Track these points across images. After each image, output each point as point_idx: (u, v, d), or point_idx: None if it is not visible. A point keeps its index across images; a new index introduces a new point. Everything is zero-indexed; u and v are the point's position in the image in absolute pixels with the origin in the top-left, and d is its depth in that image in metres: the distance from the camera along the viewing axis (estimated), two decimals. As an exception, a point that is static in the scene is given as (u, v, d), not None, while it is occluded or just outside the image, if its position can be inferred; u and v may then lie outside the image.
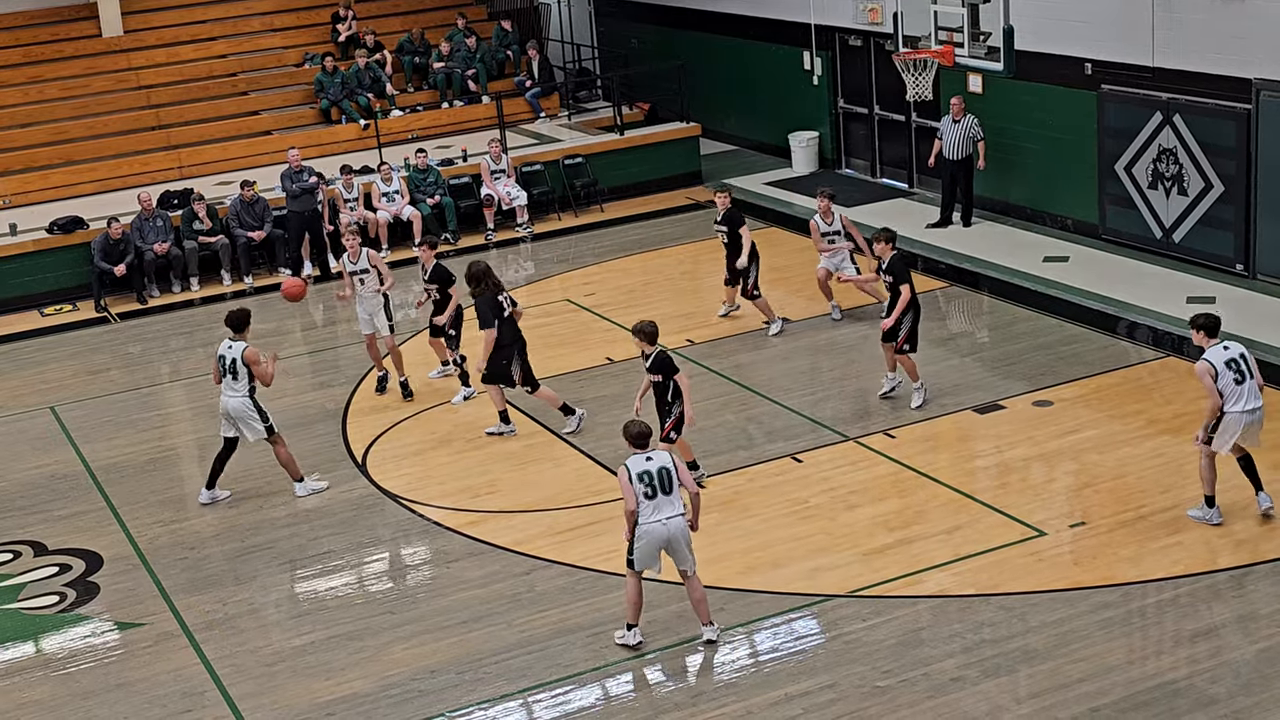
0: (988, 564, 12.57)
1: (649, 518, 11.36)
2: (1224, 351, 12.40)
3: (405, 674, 11.71)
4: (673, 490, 11.42)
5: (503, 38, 28.76)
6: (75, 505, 15.39)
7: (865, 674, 11.14)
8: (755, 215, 23.52)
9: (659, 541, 11.41)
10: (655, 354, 13.87)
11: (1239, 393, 12.29)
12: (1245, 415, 12.34)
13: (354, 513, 14.67)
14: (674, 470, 11.43)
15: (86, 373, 19.38)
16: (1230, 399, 12.29)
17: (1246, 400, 12.32)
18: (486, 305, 15.59)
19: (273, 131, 26.42)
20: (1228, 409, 12.31)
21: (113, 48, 27.77)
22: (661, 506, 11.36)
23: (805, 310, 19.08)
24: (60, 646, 12.71)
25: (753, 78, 27.02)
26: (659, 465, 11.40)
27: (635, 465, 11.40)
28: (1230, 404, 12.30)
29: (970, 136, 21.32)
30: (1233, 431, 12.36)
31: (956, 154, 21.43)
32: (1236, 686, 10.61)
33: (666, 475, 11.38)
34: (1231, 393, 12.28)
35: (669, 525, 11.36)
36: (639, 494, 11.35)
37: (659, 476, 11.36)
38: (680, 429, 14.03)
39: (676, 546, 11.46)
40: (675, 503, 11.43)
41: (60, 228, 22.39)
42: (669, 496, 11.38)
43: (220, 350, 14.90)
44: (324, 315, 21.33)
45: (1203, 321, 12.63)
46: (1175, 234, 19.43)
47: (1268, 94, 17.83)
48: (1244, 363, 12.38)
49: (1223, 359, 12.34)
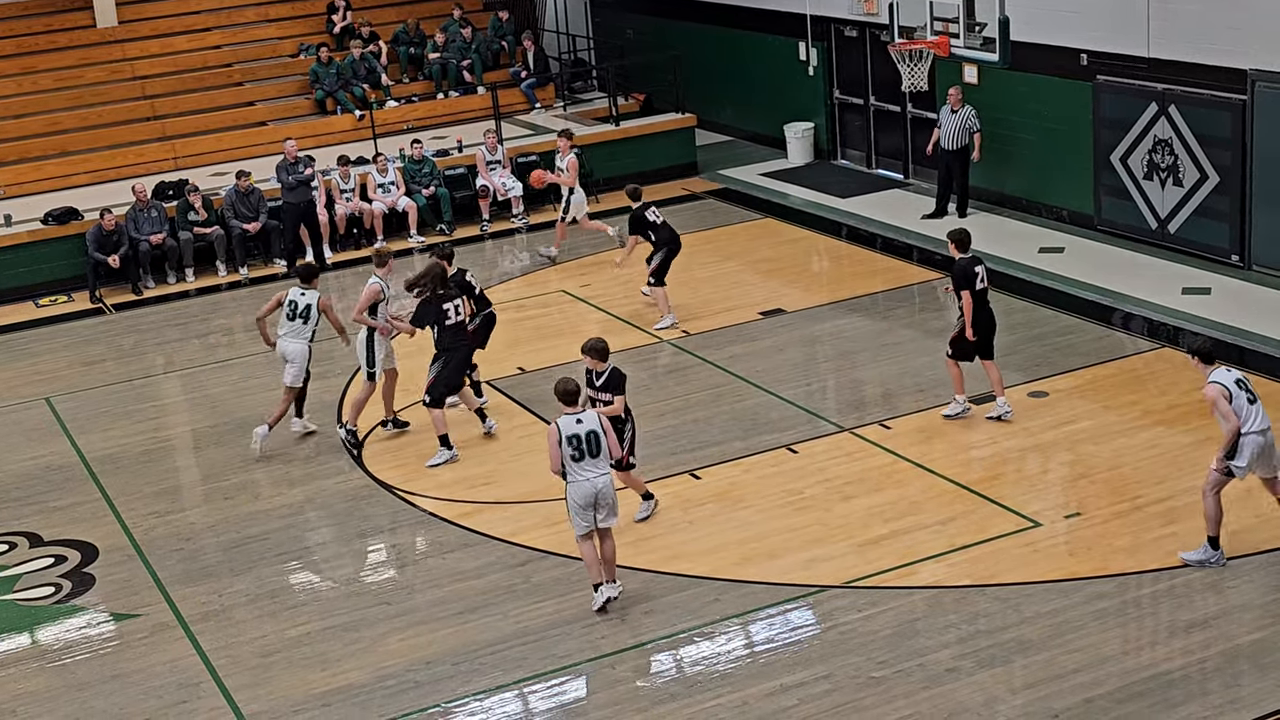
0: (983, 555, 12.59)
1: (576, 475, 11.82)
2: (1229, 373, 12.02)
3: (401, 665, 11.72)
4: (600, 454, 11.86)
5: (498, 28, 28.73)
6: (70, 496, 15.38)
7: (861, 664, 11.15)
8: (750, 206, 23.58)
9: (588, 498, 11.84)
10: (608, 372, 13.18)
11: (1254, 412, 11.84)
12: (1262, 436, 11.87)
13: (349, 504, 14.67)
14: (602, 434, 11.85)
15: (82, 364, 19.37)
16: (1247, 419, 11.80)
17: (1261, 420, 11.87)
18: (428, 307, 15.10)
19: (268, 122, 26.38)
20: (1245, 429, 11.80)
21: (107, 38, 27.72)
22: (589, 466, 11.84)
23: (799, 302, 19.07)
24: (56, 638, 12.71)
25: (748, 68, 26.99)
26: (588, 429, 11.82)
27: (566, 427, 11.80)
28: (1247, 424, 11.79)
29: (967, 127, 21.32)
30: (1253, 452, 11.83)
31: (953, 144, 21.44)
32: (1231, 677, 10.63)
33: (595, 439, 11.84)
34: (1247, 413, 11.81)
35: (596, 482, 11.83)
36: (566, 455, 11.77)
37: (587, 440, 11.80)
38: (633, 451, 13.50)
39: (603, 502, 11.92)
40: (602, 463, 11.89)
41: (55, 219, 22.36)
42: (596, 459, 11.83)
43: (290, 295, 15.58)
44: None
45: (1198, 346, 12.36)
46: (1171, 225, 19.44)
47: (1263, 85, 17.83)
48: (1248, 384, 11.99)
49: (1232, 379, 11.94)
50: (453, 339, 15.21)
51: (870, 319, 18.32)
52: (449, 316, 15.15)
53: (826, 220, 22.52)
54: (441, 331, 15.14)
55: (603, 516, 11.97)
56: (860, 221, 22.29)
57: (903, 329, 17.50)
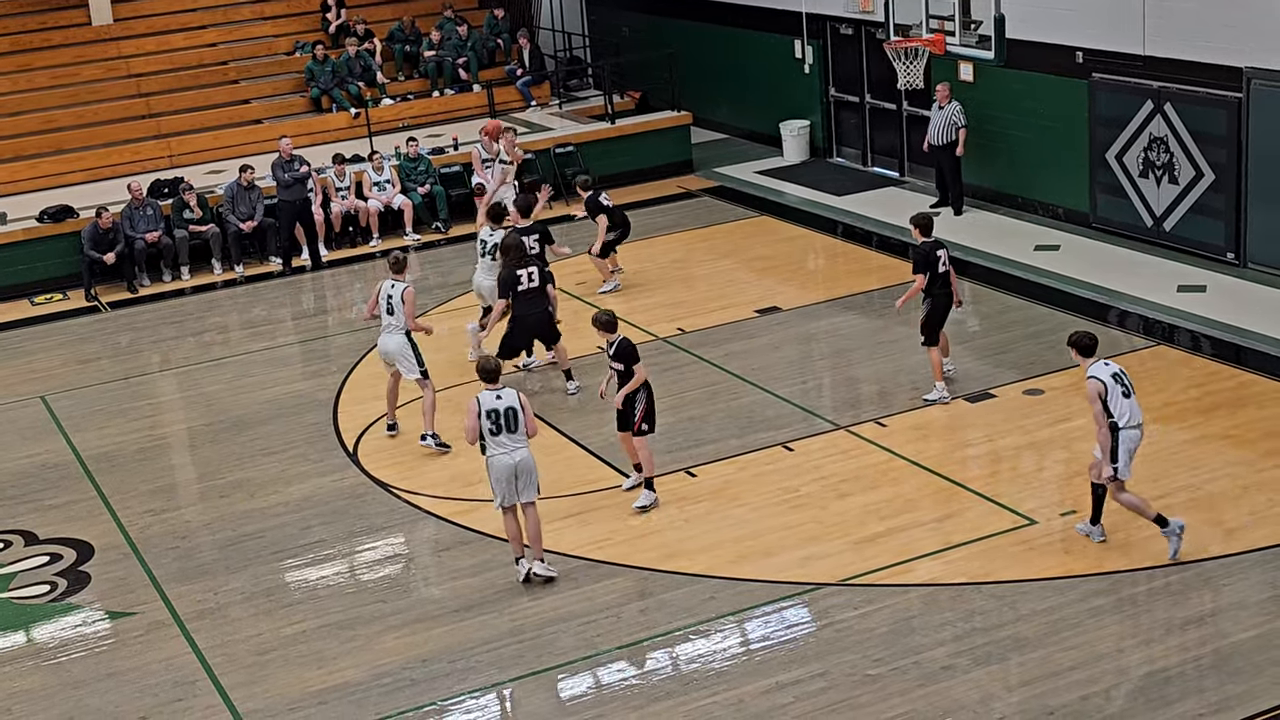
0: (978, 552, 12.59)
1: (494, 449, 12.36)
2: (1106, 367, 11.98)
3: (397, 663, 11.72)
4: (518, 429, 12.38)
5: (494, 26, 28.71)
6: (66, 495, 15.37)
7: (856, 662, 11.16)
8: (746, 204, 23.58)
9: (506, 471, 12.34)
10: (618, 342, 13.70)
11: (1128, 407, 11.84)
12: (1137, 431, 11.93)
13: (345, 502, 14.66)
14: (520, 410, 12.37)
15: (77, 362, 19.36)
16: (1121, 415, 11.81)
17: (1135, 415, 11.91)
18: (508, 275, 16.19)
19: (263, 120, 26.37)
20: (1121, 425, 11.82)
21: (102, 36, 27.69)
22: (506, 441, 12.35)
23: (795, 299, 19.08)
24: (51, 636, 12.70)
25: (744, 66, 26.99)
26: (506, 405, 12.37)
27: (486, 401, 12.36)
28: (1123, 419, 11.81)
29: (952, 123, 21.38)
30: (1128, 449, 11.88)
31: (940, 140, 21.52)
32: (1226, 674, 10.64)
33: (513, 415, 12.36)
34: (1122, 408, 11.81)
35: (514, 456, 12.34)
36: (485, 429, 12.33)
37: (505, 415, 12.34)
38: (652, 421, 13.78)
39: (522, 476, 12.39)
40: (520, 439, 12.40)
41: (50, 217, 22.35)
42: (514, 435, 12.36)
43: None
44: (315, 305, 21.31)
45: (1075, 339, 12.24)
46: (1166, 223, 19.45)
47: (1259, 82, 17.84)
48: (1125, 377, 11.99)
49: (1109, 373, 11.90)
50: (525, 306, 16.18)
51: (866, 317, 18.32)
52: (521, 283, 16.11)
53: (822, 218, 22.53)
54: (516, 298, 16.16)
55: (522, 486, 12.40)
56: (856, 219, 22.29)
57: (898, 326, 17.49)
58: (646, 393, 13.75)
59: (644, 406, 13.71)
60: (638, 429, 13.72)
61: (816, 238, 21.83)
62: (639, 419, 13.68)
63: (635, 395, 13.70)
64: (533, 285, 16.23)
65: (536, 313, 16.36)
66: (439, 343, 17.20)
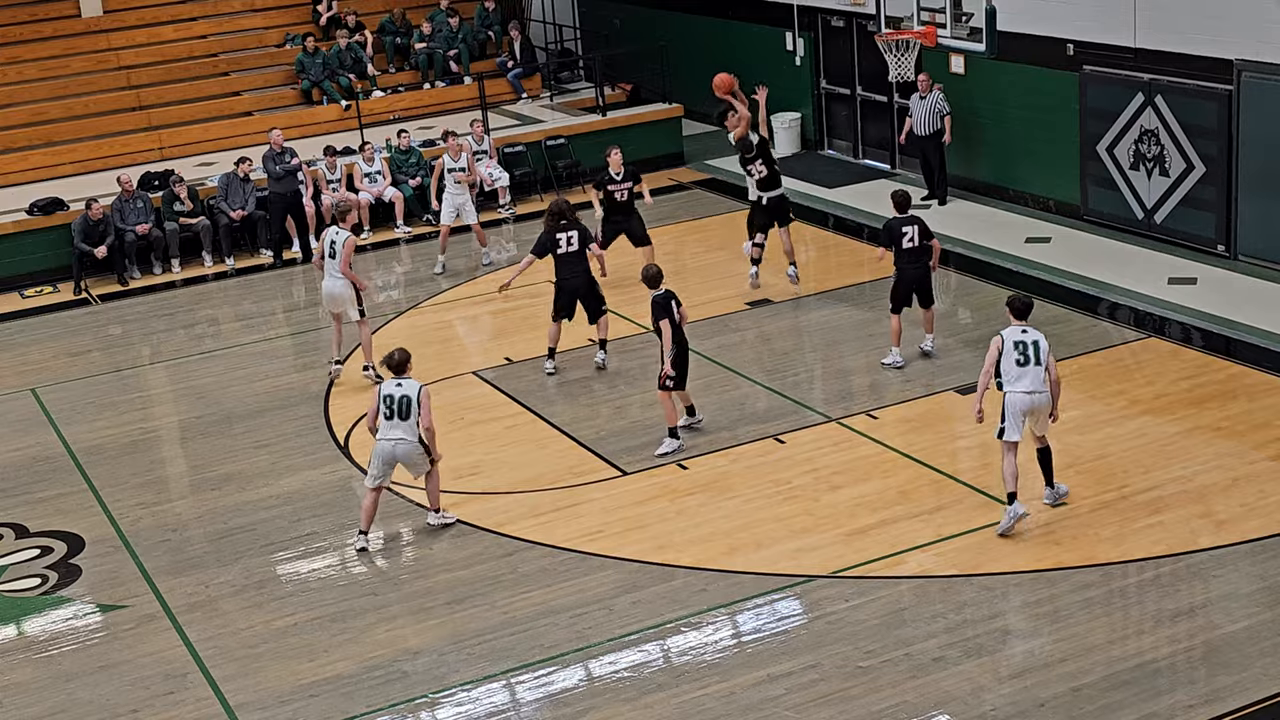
0: (970, 544, 12.61)
1: (383, 435, 13.17)
2: (1021, 334, 12.61)
3: (388, 655, 11.72)
4: (409, 418, 13.11)
5: (485, 18, 28.69)
6: (56, 487, 15.35)
7: (848, 654, 11.17)
8: (737, 196, 23.53)
9: (385, 455, 13.20)
10: (658, 296, 14.62)
11: (1019, 374, 12.49)
12: (1025, 396, 12.48)
13: (336, 494, 14.66)
14: (416, 404, 13.08)
15: (67, 354, 19.32)
16: (1009, 379, 12.52)
17: (1028, 383, 12.48)
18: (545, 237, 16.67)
19: (254, 112, 26.33)
20: (1007, 389, 12.54)
21: (92, 28, 27.65)
22: (395, 429, 13.12)
23: (786, 292, 19.07)
24: (42, 629, 12.69)
25: (735, 59, 26.94)
26: (402, 394, 13.14)
27: (386, 389, 13.21)
28: (1010, 384, 12.53)
29: (937, 111, 21.39)
30: (1014, 412, 12.52)
31: (925, 129, 21.54)
32: (1217, 666, 10.66)
33: (406, 404, 13.10)
34: (1010, 373, 12.51)
35: (396, 447, 13.16)
36: (381, 413, 13.14)
37: (399, 403, 13.10)
38: (678, 379, 14.66)
39: (408, 462, 13.28)
40: (408, 429, 13.13)
41: (40, 209, 22.30)
42: (405, 422, 13.10)
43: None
44: (306, 297, 21.28)
45: (1010, 301, 12.95)
46: (1157, 215, 19.48)
47: (1249, 75, 17.86)
48: (1033, 350, 12.51)
49: (1014, 338, 12.58)
50: (567, 270, 16.66)
51: (857, 309, 18.33)
52: (560, 246, 16.57)
53: (813, 210, 22.51)
54: (556, 261, 16.66)
55: (414, 472, 13.41)
56: (847, 211, 22.30)
57: (889, 318, 17.47)
58: (676, 349, 14.53)
59: (673, 357, 14.52)
60: (662, 382, 14.58)
61: (807, 230, 21.82)
62: (664, 372, 14.52)
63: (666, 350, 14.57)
64: (571, 250, 16.59)
65: (576, 278, 16.70)
66: (442, 334, 17.16)
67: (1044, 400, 12.57)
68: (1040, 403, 12.57)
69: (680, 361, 14.70)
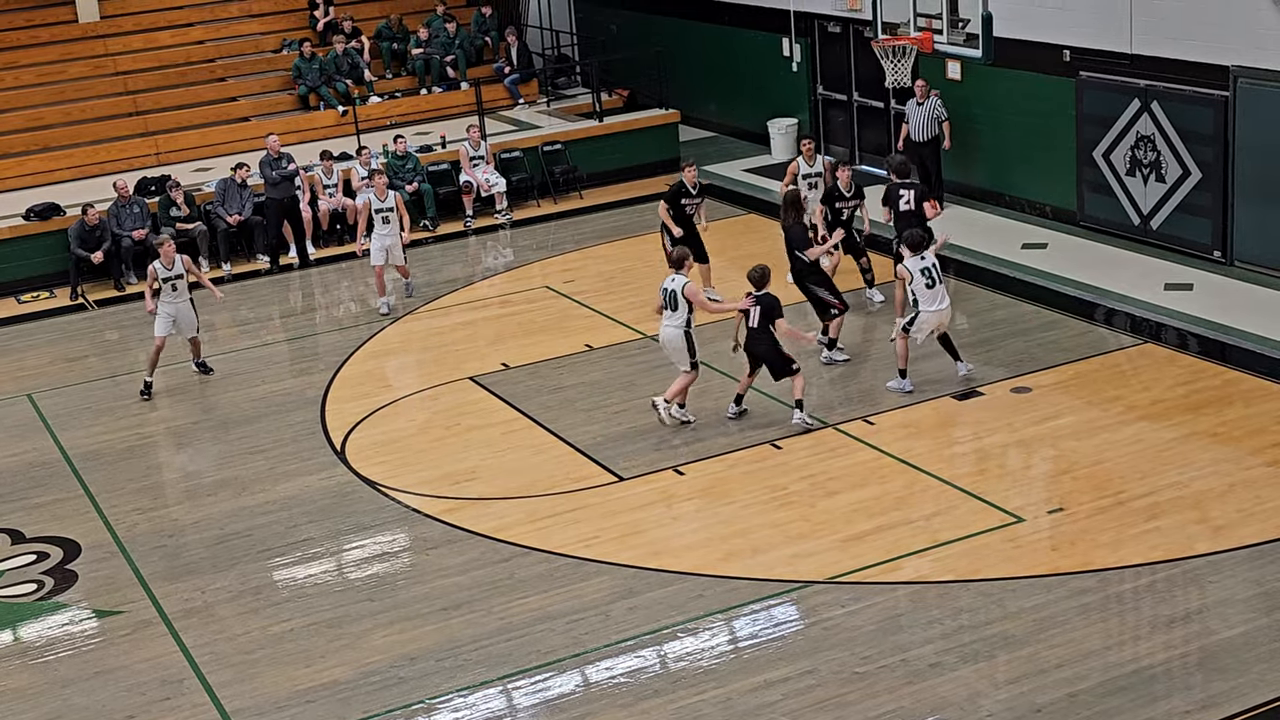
0: (966, 550, 12.61)
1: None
2: (920, 261, 15.28)
3: (385, 661, 11.71)
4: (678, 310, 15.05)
5: (481, 24, 28.70)
6: (53, 493, 15.34)
7: (844, 660, 11.17)
8: (734, 202, 23.58)
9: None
10: (762, 296, 15.16)
11: (930, 295, 15.22)
12: (936, 313, 15.30)
13: (333, 500, 14.65)
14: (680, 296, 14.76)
15: (64, 360, 19.32)
16: (924, 300, 15.21)
17: (937, 302, 15.26)
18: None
19: (250, 118, 26.33)
20: (923, 309, 15.25)
21: (89, 33, 27.64)
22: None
23: (783, 297, 18.97)
24: (38, 634, 12.67)
25: (732, 64, 26.99)
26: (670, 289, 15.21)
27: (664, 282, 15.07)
28: (925, 305, 15.22)
29: (935, 117, 21.40)
30: (929, 327, 15.41)
31: (923, 135, 21.53)
32: (1213, 671, 10.66)
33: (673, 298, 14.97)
34: (924, 295, 15.21)
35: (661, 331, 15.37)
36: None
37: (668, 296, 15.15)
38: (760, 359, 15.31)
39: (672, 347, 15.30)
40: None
41: (37, 214, 22.30)
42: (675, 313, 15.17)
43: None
44: (303, 303, 21.29)
45: (906, 238, 15.58)
46: (1153, 221, 19.49)
47: (1245, 81, 17.88)
48: (934, 271, 15.26)
49: (919, 267, 15.23)
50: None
51: (854, 314, 18.28)
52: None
53: (810, 216, 22.48)
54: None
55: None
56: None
57: (886, 324, 17.51)
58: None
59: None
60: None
61: (804, 236, 21.79)
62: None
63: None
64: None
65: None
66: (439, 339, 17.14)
67: (949, 313, 15.51)
68: (947, 316, 15.48)
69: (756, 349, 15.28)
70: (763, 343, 15.21)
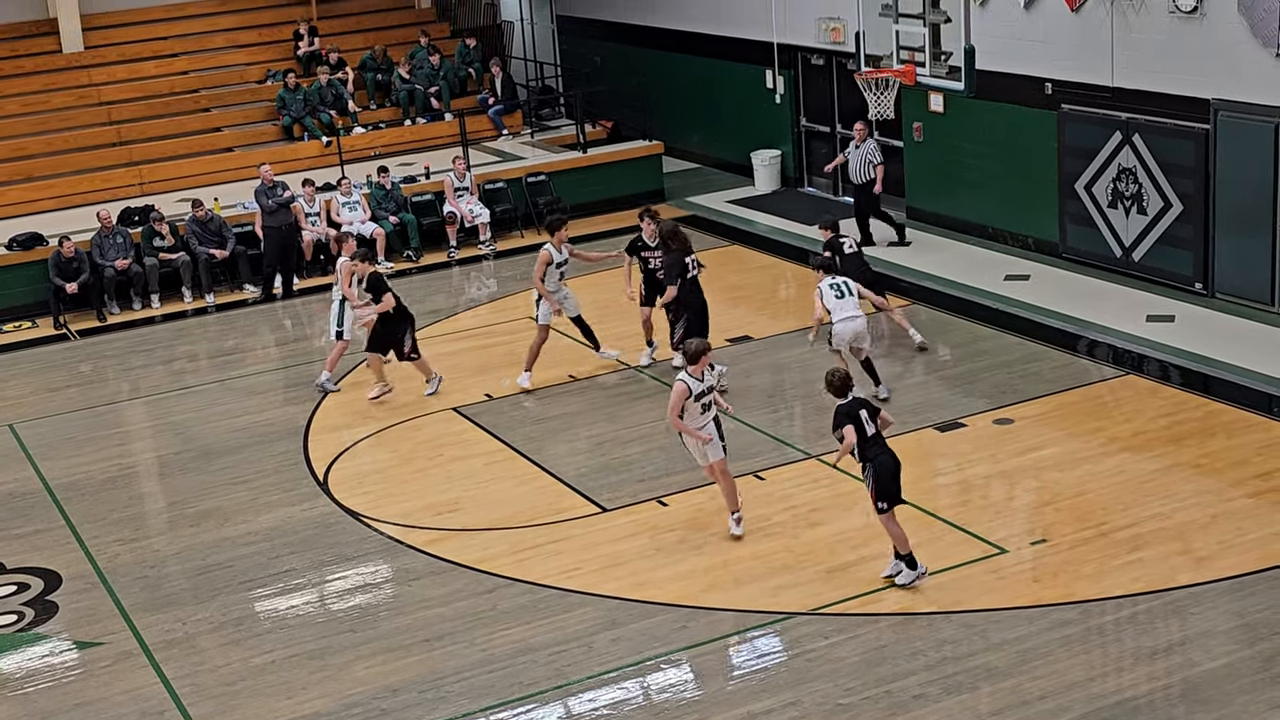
0: (949, 581, 12.60)
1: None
2: (832, 279, 16.13)
3: (367, 693, 11.66)
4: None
5: (465, 55, 28.77)
6: (34, 523, 15.28)
7: (828, 692, 11.15)
8: (717, 233, 23.63)
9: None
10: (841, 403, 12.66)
11: (841, 306, 15.97)
12: (847, 321, 15.92)
13: (315, 531, 14.61)
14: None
15: (45, 390, 19.26)
16: (835, 312, 15.96)
17: (846, 312, 15.93)
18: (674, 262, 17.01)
19: (234, 148, 26.36)
20: (835, 319, 15.98)
21: (73, 63, 27.66)
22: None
23: (767, 329, 19.11)
24: (18, 666, 12.60)
25: (715, 96, 27.09)
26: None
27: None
28: (836, 315, 15.97)
29: (868, 161, 21.48)
30: (840, 334, 16.00)
31: (859, 178, 21.67)
32: (1195, 703, 10.66)
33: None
34: (836, 306, 15.97)
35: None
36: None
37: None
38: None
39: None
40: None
41: (19, 244, 22.27)
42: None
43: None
44: (286, 333, 21.26)
45: (820, 263, 16.55)
46: (1135, 253, 19.57)
47: (1225, 114, 17.98)
48: (845, 287, 16.06)
49: (829, 285, 16.06)
50: (690, 292, 16.91)
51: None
52: (690, 270, 16.93)
53: (793, 247, 22.59)
54: (683, 285, 16.93)
55: None
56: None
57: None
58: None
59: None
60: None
61: (787, 267, 21.89)
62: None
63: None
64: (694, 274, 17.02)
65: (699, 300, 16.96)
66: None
67: (863, 324, 16.06)
68: (860, 326, 16.02)
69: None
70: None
